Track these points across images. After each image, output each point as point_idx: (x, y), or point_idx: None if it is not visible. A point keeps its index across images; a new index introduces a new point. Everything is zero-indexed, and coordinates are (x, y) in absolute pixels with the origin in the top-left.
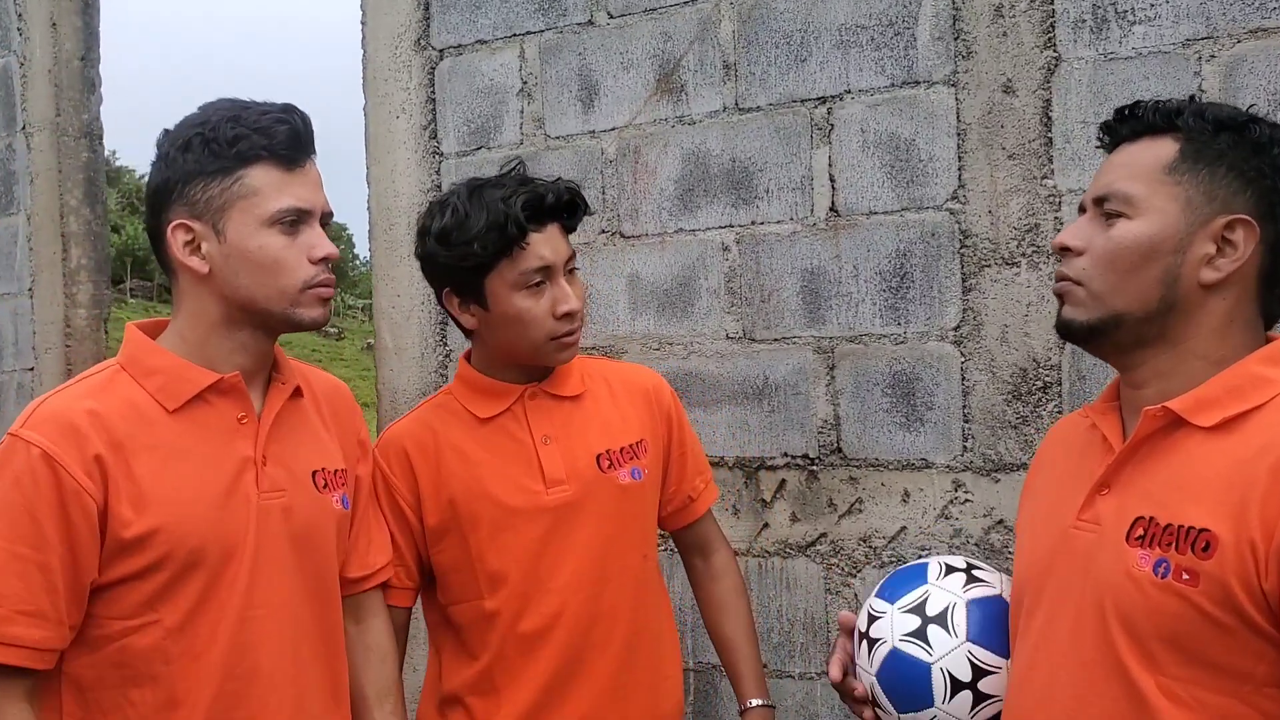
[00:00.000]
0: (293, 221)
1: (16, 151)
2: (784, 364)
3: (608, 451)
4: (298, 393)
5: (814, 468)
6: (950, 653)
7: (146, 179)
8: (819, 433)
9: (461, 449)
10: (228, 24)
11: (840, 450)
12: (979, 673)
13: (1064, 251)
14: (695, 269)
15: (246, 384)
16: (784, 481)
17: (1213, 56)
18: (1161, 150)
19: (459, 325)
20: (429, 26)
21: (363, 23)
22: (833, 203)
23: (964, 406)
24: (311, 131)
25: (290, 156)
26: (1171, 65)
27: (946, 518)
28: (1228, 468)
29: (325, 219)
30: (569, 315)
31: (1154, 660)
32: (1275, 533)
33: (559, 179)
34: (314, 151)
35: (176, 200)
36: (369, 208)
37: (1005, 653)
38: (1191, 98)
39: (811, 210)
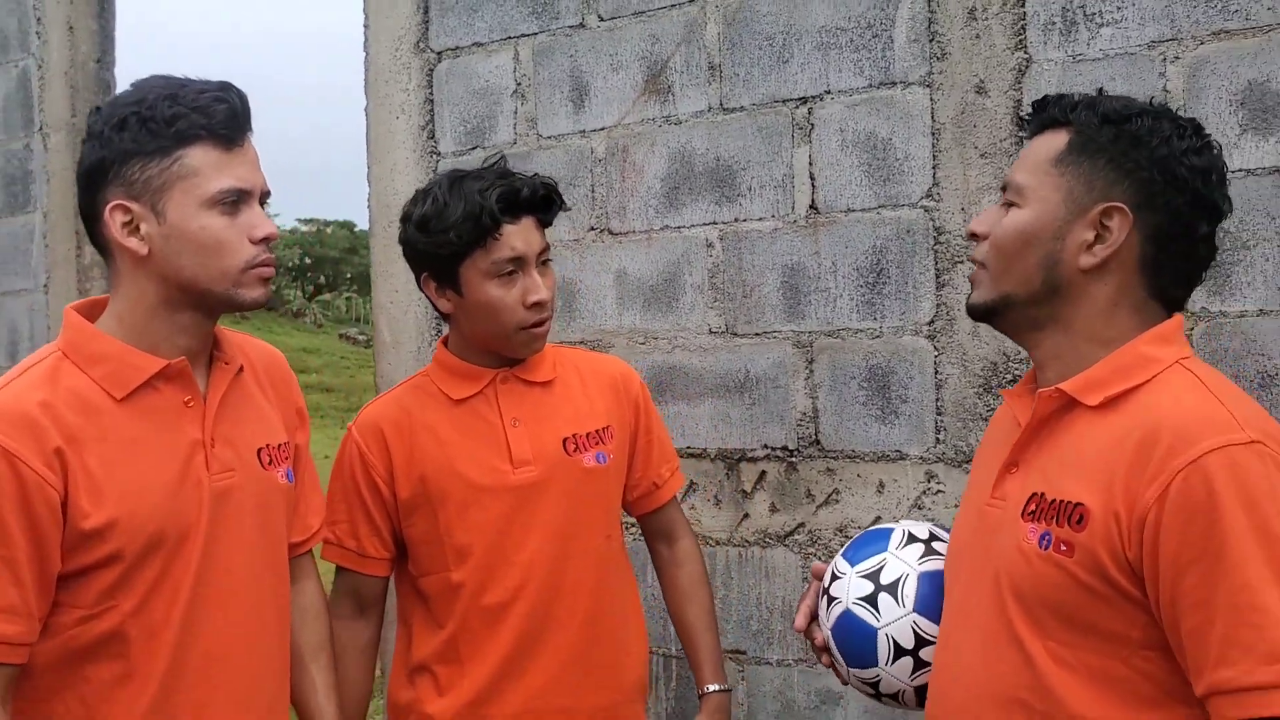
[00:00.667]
0: (233, 202)
1: (34, 151)
2: (764, 358)
3: (574, 435)
4: (240, 370)
5: (793, 459)
6: (896, 621)
7: (81, 155)
8: (798, 425)
9: (434, 428)
10: (241, 28)
11: (818, 442)
12: (921, 641)
13: (972, 237)
14: (680, 265)
15: (190, 365)
16: (764, 473)
17: (1177, 58)
18: (1055, 143)
19: (436, 309)
20: (428, 29)
21: (365, 26)
22: (813, 200)
23: (937, 399)
24: (249, 109)
25: (229, 136)
26: (1137, 66)
27: (920, 508)
28: (1105, 444)
29: (263, 198)
30: (538, 305)
31: (1042, 627)
32: (1135, 504)
33: (536, 175)
34: (251, 129)
35: (113, 180)
36: (369, 205)
37: None
38: (1100, 91)
39: (792, 208)
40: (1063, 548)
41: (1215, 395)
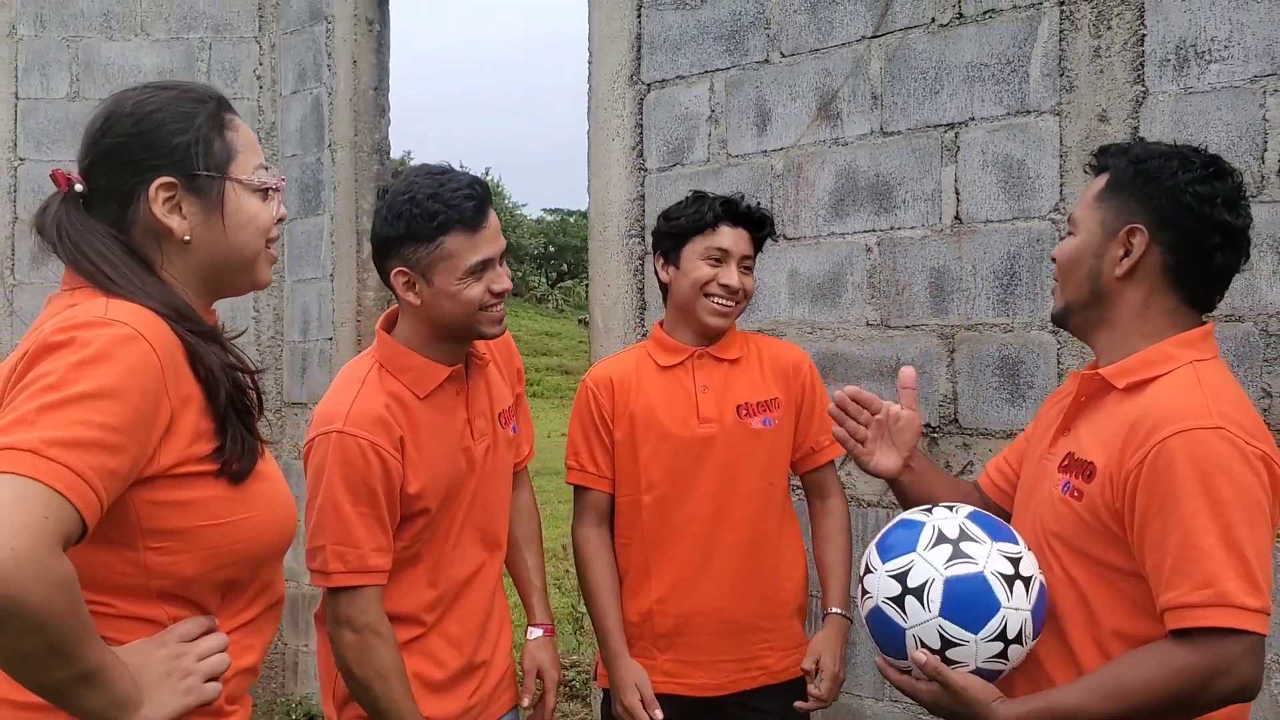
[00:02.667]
0: (481, 270)
1: (324, 164)
2: (913, 347)
3: (746, 403)
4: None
5: (935, 435)
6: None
7: (373, 227)
8: (940, 406)
9: (645, 387)
10: (490, 52)
11: (957, 421)
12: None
13: (1053, 261)
14: (843, 266)
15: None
16: None
17: (1276, 90)
18: (1098, 183)
19: (659, 282)
20: (640, 65)
21: (589, 62)
22: (957, 212)
23: (1058, 386)
24: (489, 196)
25: (476, 222)
26: (1240, 98)
27: None
28: (1121, 418)
29: (501, 257)
30: (727, 288)
31: (1054, 553)
32: (1124, 468)
33: (760, 204)
34: (490, 207)
35: (395, 254)
36: (588, 214)
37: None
38: (1139, 138)
39: (940, 218)
40: (1076, 494)
41: (1203, 391)
